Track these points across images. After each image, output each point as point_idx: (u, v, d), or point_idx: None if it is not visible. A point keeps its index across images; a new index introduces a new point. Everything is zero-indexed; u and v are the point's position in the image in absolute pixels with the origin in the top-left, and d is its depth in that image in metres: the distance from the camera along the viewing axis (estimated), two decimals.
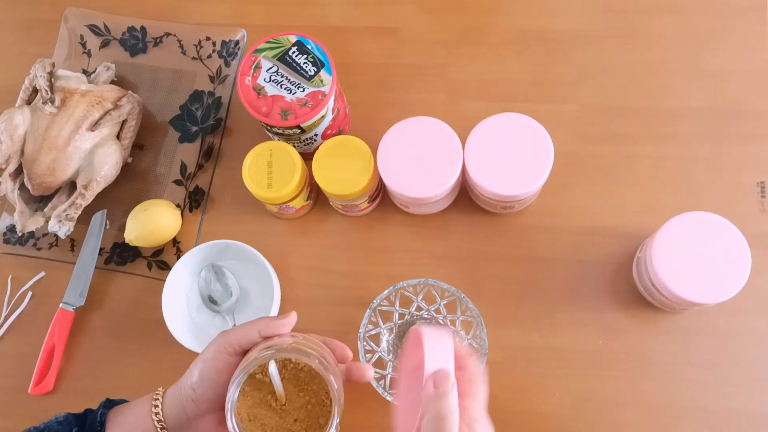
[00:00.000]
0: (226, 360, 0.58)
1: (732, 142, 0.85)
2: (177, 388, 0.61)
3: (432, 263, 0.85)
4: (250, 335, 0.59)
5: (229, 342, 0.58)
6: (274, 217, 0.88)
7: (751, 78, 0.87)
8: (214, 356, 0.58)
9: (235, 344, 0.58)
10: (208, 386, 0.58)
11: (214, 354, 0.58)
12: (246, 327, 0.59)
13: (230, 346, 0.58)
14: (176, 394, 0.60)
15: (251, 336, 0.59)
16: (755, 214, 0.82)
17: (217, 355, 0.58)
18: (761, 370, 0.78)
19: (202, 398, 0.59)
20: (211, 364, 0.58)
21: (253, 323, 0.60)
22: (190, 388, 0.59)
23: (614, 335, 0.81)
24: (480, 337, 0.77)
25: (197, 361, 0.60)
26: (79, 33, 0.97)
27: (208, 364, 0.58)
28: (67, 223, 0.83)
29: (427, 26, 0.94)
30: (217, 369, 0.58)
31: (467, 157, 0.76)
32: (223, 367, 0.58)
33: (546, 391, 0.80)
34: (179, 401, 0.60)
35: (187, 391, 0.59)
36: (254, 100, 0.78)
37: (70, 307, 0.85)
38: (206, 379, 0.58)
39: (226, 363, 0.58)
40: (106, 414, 0.62)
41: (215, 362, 0.58)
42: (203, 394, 0.58)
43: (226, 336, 0.59)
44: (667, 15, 0.90)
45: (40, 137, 0.84)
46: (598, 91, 0.88)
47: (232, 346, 0.58)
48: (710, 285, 0.70)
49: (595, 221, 0.84)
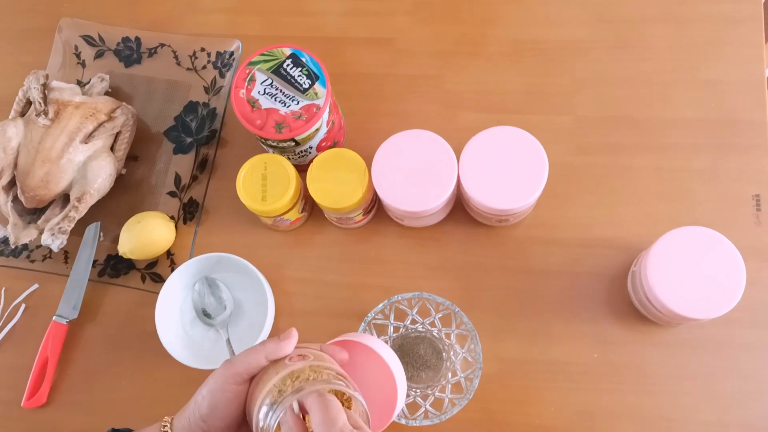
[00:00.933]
0: (235, 390, 0.58)
1: (728, 153, 0.85)
2: (184, 419, 0.60)
3: (427, 275, 0.85)
4: (257, 362, 0.58)
5: (237, 372, 0.58)
6: (268, 229, 0.88)
7: (747, 89, 0.87)
8: (222, 387, 0.58)
9: (243, 373, 0.58)
10: (219, 417, 0.58)
11: (222, 385, 0.58)
12: (251, 353, 0.59)
13: (238, 376, 0.58)
14: (185, 426, 0.59)
15: (259, 362, 0.58)
16: (751, 227, 0.82)
17: (226, 386, 0.57)
18: (756, 383, 0.78)
19: (214, 429, 0.58)
20: (220, 395, 0.58)
21: (257, 349, 0.59)
22: (200, 420, 0.58)
23: (609, 348, 0.80)
24: (475, 351, 0.77)
25: (203, 392, 0.59)
26: (74, 43, 0.97)
27: (217, 395, 0.58)
28: (60, 236, 0.82)
29: (422, 37, 0.94)
30: (227, 399, 0.57)
31: (462, 170, 0.76)
32: (233, 397, 0.57)
33: (541, 404, 0.80)
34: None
35: (197, 422, 0.58)
36: (248, 113, 0.78)
37: (63, 319, 0.85)
38: (216, 410, 0.58)
39: (235, 393, 0.58)
40: None
41: (224, 393, 0.57)
42: (214, 425, 0.58)
43: (232, 366, 0.58)
44: (663, 25, 0.90)
45: (33, 149, 0.84)
46: (594, 102, 0.88)
47: (240, 376, 0.58)
48: (705, 300, 0.70)
49: (591, 233, 0.84)
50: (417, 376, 0.80)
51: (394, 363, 0.69)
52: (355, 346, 0.68)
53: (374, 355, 0.68)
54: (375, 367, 0.68)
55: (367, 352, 0.68)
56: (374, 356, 0.68)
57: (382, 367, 0.68)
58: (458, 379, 0.79)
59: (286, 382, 0.55)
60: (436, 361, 0.81)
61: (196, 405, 0.59)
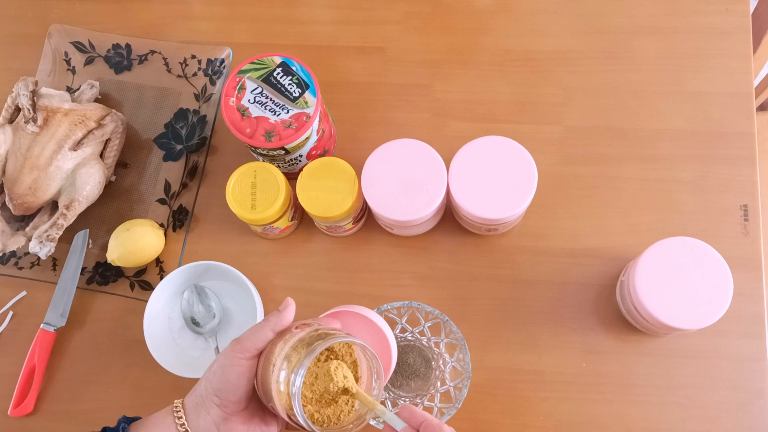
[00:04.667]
0: (244, 365, 0.60)
1: (715, 164, 0.85)
2: (196, 397, 0.62)
3: (416, 284, 0.85)
4: (264, 335, 0.61)
5: (245, 347, 0.61)
6: (258, 237, 0.88)
7: (734, 100, 0.87)
8: (232, 362, 0.60)
9: (251, 348, 0.61)
10: (231, 391, 0.60)
11: (232, 360, 0.61)
12: (257, 329, 0.62)
13: (247, 351, 0.61)
14: (198, 404, 0.62)
15: (265, 336, 0.61)
16: (738, 237, 0.82)
17: (236, 361, 0.60)
18: (744, 393, 0.78)
19: (227, 402, 0.61)
20: (231, 369, 0.60)
21: (261, 324, 0.62)
22: (213, 394, 0.61)
23: (597, 358, 0.81)
24: (464, 360, 0.77)
25: (214, 368, 0.62)
26: (64, 50, 0.96)
27: (228, 370, 0.61)
28: (48, 244, 0.82)
29: (412, 46, 0.94)
30: (237, 374, 0.60)
31: (451, 180, 0.76)
32: (243, 371, 0.60)
33: (530, 414, 0.80)
34: (203, 409, 0.61)
35: (210, 397, 0.61)
36: (238, 122, 0.78)
37: (51, 327, 0.84)
38: (228, 383, 0.60)
39: (245, 367, 0.60)
40: (128, 429, 0.63)
41: (235, 367, 0.60)
42: (228, 399, 0.60)
43: (240, 342, 0.61)
44: (652, 37, 0.91)
45: (21, 157, 0.83)
46: (582, 113, 0.89)
47: (249, 351, 0.61)
48: (693, 311, 0.70)
49: (579, 243, 0.84)
50: (406, 384, 0.80)
51: (385, 327, 0.72)
52: (347, 315, 0.72)
53: (367, 321, 0.72)
54: (369, 332, 0.72)
55: (358, 319, 0.72)
56: (367, 322, 0.72)
57: (375, 331, 0.72)
58: (447, 388, 0.79)
59: (298, 348, 0.58)
60: (426, 370, 0.81)
61: (207, 382, 0.62)
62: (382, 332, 0.71)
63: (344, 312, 0.73)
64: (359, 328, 0.72)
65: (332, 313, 0.73)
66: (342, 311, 0.73)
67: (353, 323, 0.72)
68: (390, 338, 0.72)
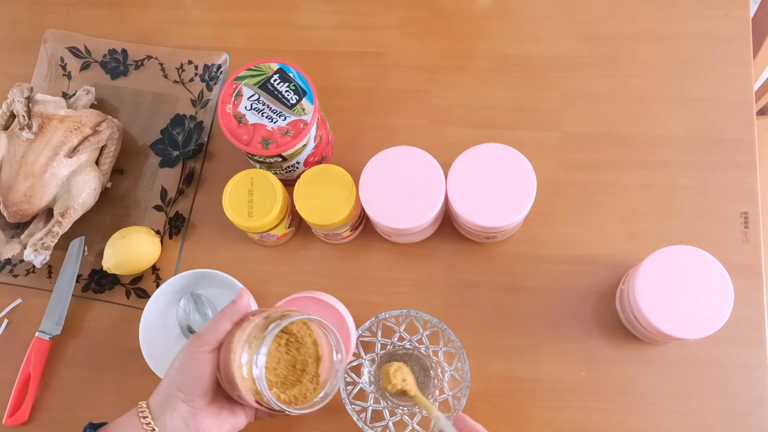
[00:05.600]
0: (206, 357, 0.61)
1: (715, 171, 0.85)
2: (160, 396, 0.62)
3: (414, 291, 0.85)
4: (222, 327, 0.63)
5: (205, 341, 0.62)
6: (255, 244, 0.87)
7: (734, 106, 0.87)
8: (193, 356, 0.61)
9: (210, 341, 0.62)
10: (195, 385, 0.61)
11: (193, 355, 0.61)
12: (215, 322, 0.63)
13: (207, 344, 0.61)
14: (163, 402, 0.62)
15: (223, 327, 0.63)
16: (738, 245, 0.82)
17: (197, 356, 0.61)
18: (745, 402, 0.78)
19: (192, 397, 0.61)
20: (193, 364, 0.61)
21: (219, 318, 0.63)
22: (177, 390, 0.61)
23: (597, 366, 0.80)
24: (462, 369, 0.76)
25: (175, 365, 0.62)
26: (59, 55, 0.96)
27: (190, 364, 0.61)
28: (43, 252, 0.81)
29: (410, 51, 0.93)
30: (200, 367, 0.61)
31: (450, 187, 0.75)
32: (205, 365, 0.61)
33: (528, 423, 0.79)
34: (169, 407, 0.61)
35: (174, 393, 0.61)
36: (235, 129, 0.77)
37: (46, 335, 0.84)
38: (191, 378, 0.61)
39: (206, 360, 0.61)
40: None
41: (196, 361, 0.61)
42: (193, 393, 0.61)
43: (199, 337, 0.62)
44: (651, 42, 0.90)
45: (16, 164, 0.83)
46: (582, 119, 0.88)
47: (209, 344, 0.62)
48: (693, 320, 0.70)
49: (578, 250, 0.84)
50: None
51: (342, 308, 0.76)
52: (304, 300, 0.75)
53: (325, 305, 0.75)
54: (327, 315, 0.75)
55: (316, 303, 0.75)
56: (325, 305, 0.75)
57: (334, 314, 0.75)
58: (446, 397, 0.78)
59: (256, 333, 0.60)
60: (424, 379, 0.80)
61: (170, 379, 0.62)
62: (341, 314, 0.74)
63: (301, 298, 0.75)
64: (318, 312, 0.75)
65: (289, 300, 0.75)
66: (299, 297, 0.75)
67: (311, 307, 0.75)
68: (348, 319, 0.75)
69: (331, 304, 0.76)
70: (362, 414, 0.77)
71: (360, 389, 0.79)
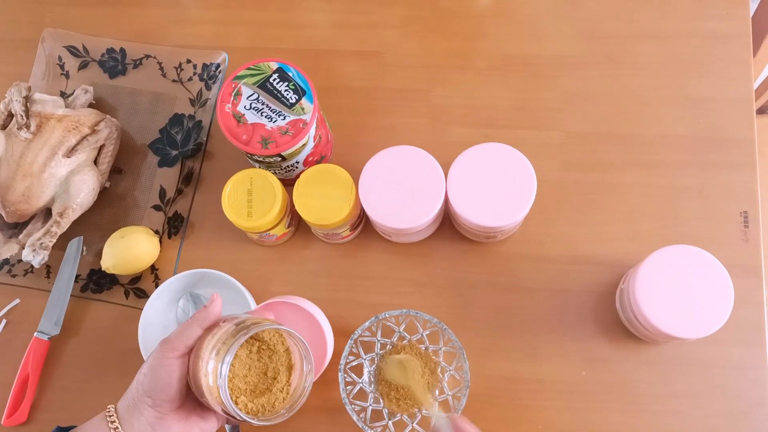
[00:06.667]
0: (175, 363, 0.61)
1: (716, 170, 0.84)
2: (128, 400, 0.62)
3: (414, 291, 0.84)
4: (192, 333, 0.62)
5: (174, 346, 0.61)
6: (255, 244, 0.87)
7: (735, 106, 0.87)
8: (162, 362, 0.61)
9: (180, 346, 0.61)
10: (163, 390, 0.61)
11: (162, 360, 0.61)
12: (185, 327, 0.62)
13: (176, 350, 0.61)
14: (131, 406, 0.62)
15: (194, 332, 0.62)
16: (739, 244, 0.82)
17: (165, 361, 0.61)
18: (744, 401, 0.78)
19: (160, 402, 0.61)
20: (161, 369, 0.61)
21: (189, 323, 0.63)
22: (144, 395, 0.61)
23: (597, 366, 0.80)
24: (462, 368, 0.76)
25: (144, 370, 0.62)
26: (57, 54, 0.95)
27: (158, 370, 0.61)
28: (41, 252, 0.81)
29: (410, 50, 0.93)
30: (168, 373, 0.61)
31: (450, 187, 0.75)
32: (174, 370, 0.61)
33: (529, 423, 0.79)
34: (136, 411, 0.62)
35: (142, 398, 0.61)
36: (234, 128, 0.77)
37: (44, 336, 0.84)
38: (159, 383, 0.61)
39: (175, 366, 0.61)
40: None
41: (165, 367, 0.61)
42: (160, 398, 0.61)
43: (168, 342, 0.62)
44: (652, 42, 0.90)
45: (14, 164, 0.82)
46: (582, 118, 0.88)
47: (178, 349, 0.61)
48: (693, 320, 0.70)
49: (579, 250, 0.83)
50: None
51: (319, 314, 0.76)
52: (281, 306, 0.75)
53: (301, 311, 0.75)
54: (303, 321, 0.75)
55: (293, 309, 0.75)
56: (301, 311, 0.75)
57: (310, 320, 0.75)
58: (446, 397, 0.78)
59: (225, 340, 0.59)
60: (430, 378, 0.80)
61: (138, 384, 0.62)
62: (316, 320, 0.74)
63: (278, 303, 0.75)
64: (294, 317, 0.75)
65: (266, 305, 0.74)
66: (276, 302, 0.74)
67: (288, 313, 0.74)
68: (324, 325, 0.75)
69: (308, 310, 0.76)
70: (362, 414, 0.77)
71: (360, 389, 0.79)
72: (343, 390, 0.77)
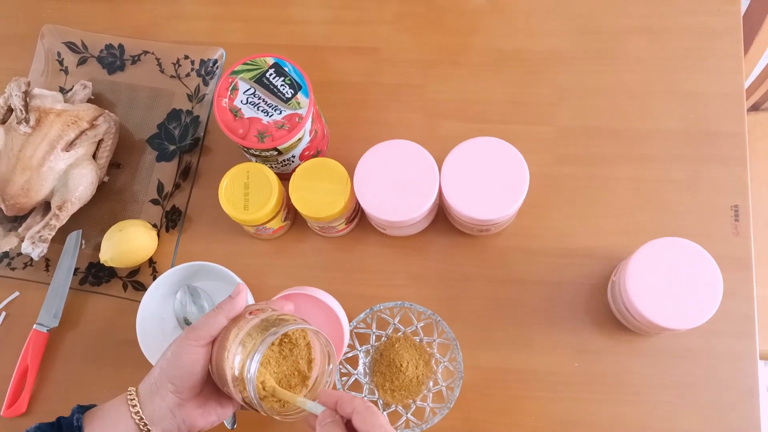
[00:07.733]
0: (199, 351, 0.62)
1: (707, 164, 0.85)
2: (149, 384, 0.64)
3: (409, 284, 0.85)
4: (217, 323, 0.63)
5: (199, 335, 0.63)
6: (251, 237, 0.88)
7: (726, 100, 0.87)
8: (186, 350, 0.62)
9: (205, 336, 0.63)
10: (185, 377, 0.62)
11: (186, 348, 0.62)
12: (210, 316, 0.64)
13: (201, 339, 0.62)
14: (152, 391, 0.63)
15: (219, 323, 0.63)
16: (729, 237, 0.83)
17: (190, 348, 0.62)
18: (735, 393, 0.79)
19: (182, 388, 0.62)
20: (185, 357, 0.62)
21: (215, 312, 0.64)
22: (167, 381, 0.62)
23: (590, 357, 0.81)
24: (456, 360, 0.77)
25: (167, 356, 0.63)
26: (56, 50, 0.96)
27: (183, 357, 0.62)
28: (40, 245, 0.82)
29: (405, 46, 0.94)
30: (191, 360, 0.62)
31: (444, 181, 0.76)
32: (197, 358, 0.62)
33: (522, 413, 0.80)
34: (158, 396, 0.63)
35: (164, 384, 0.63)
36: (231, 122, 0.78)
37: (43, 328, 0.84)
38: (182, 370, 0.62)
39: (199, 354, 0.62)
40: (81, 419, 0.64)
41: (189, 355, 0.62)
42: (182, 385, 0.62)
43: (194, 330, 0.63)
44: (644, 37, 0.91)
45: (14, 157, 0.83)
46: (575, 113, 0.89)
47: (203, 338, 0.63)
48: (683, 311, 0.71)
49: (571, 243, 0.84)
50: None
51: (337, 307, 0.77)
52: (300, 297, 0.76)
53: (319, 303, 0.76)
54: (322, 313, 0.76)
55: (311, 301, 0.76)
56: (319, 303, 0.76)
57: (328, 312, 0.76)
58: (440, 388, 0.79)
59: (252, 334, 0.60)
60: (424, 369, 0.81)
61: (161, 369, 0.63)
62: (335, 313, 0.75)
63: (297, 294, 0.76)
64: (313, 309, 0.76)
65: (285, 296, 0.75)
66: (295, 293, 0.75)
67: (307, 305, 0.75)
68: (342, 318, 0.76)
69: (325, 302, 0.76)
70: None
71: (355, 380, 0.80)
72: (339, 381, 0.78)
